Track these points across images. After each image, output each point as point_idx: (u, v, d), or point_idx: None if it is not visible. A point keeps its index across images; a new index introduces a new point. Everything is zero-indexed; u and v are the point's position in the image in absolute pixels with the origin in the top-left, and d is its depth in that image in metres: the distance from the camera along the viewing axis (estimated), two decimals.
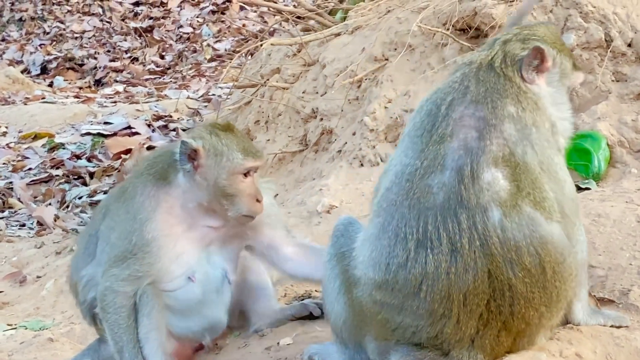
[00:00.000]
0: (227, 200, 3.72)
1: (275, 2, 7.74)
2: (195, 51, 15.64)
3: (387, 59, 6.00)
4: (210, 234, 3.85)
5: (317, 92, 6.33)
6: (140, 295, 3.72)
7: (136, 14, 16.52)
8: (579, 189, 4.92)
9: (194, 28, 16.20)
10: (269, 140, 6.57)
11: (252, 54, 8.29)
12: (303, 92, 6.41)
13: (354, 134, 5.83)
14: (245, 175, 3.76)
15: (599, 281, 4.05)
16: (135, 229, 3.75)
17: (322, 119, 6.19)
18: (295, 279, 4.06)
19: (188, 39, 15.96)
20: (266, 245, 3.99)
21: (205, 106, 11.31)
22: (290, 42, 6.59)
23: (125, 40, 16.07)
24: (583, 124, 5.19)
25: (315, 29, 6.96)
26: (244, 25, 15.77)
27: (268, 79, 6.75)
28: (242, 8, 16.34)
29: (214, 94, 11.97)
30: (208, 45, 15.60)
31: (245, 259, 4.08)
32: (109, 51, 15.76)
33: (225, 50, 15.16)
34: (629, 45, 5.40)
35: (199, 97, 12.17)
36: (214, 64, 14.88)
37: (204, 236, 3.85)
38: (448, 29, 5.75)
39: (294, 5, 7.59)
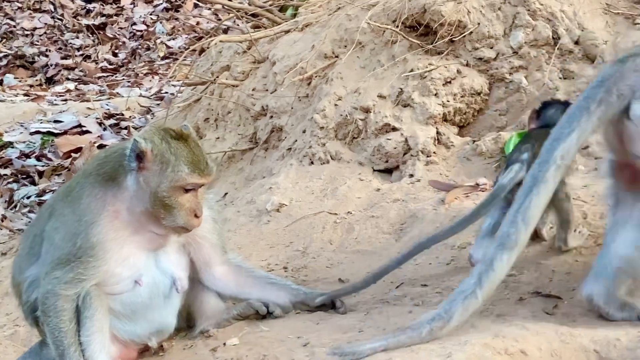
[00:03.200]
0: (165, 209, 3.62)
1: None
2: (148, 49, 15.46)
3: (337, 56, 5.97)
4: (157, 239, 3.78)
5: (267, 90, 6.28)
6: (84, 297, 3.64)
7: (88, 11, 16.28)
8: None
9: (147, 25, 16.02)
10: (218, 138, 6.50)
11: (203, 52, 8.19)
12: (253, 90, 6.35)
13: (304, 131, 5.80)
14: (188, 190, 3.66)
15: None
16: (81, 231, 3.66)
17: (272, 117, 6.14)
18: (223, 298, 4.02)
19: (141, 36, 15.77)
20: (202, 261, 3.94)
21: (158, 104, 11.18)
22: (239, 39, 6.52)
23: (78, 37, 15.83)
24: None
25: (266, 26, 6.91)
26: (198, 23, 15.65)
27: (218, 77, 6.68)
28: (196, 5, 16.21)
29: (166, 92, 11.84)
30: (162, 42, 15.44)
31: None
32: (60, 49, 15.50)
33: (179, 47, 15.02)
34: (576, 42, 5.44)
35: (151, 95, 12.04)
36: (167, 61, 14.73)
37: (152, 241, 3.77)
38: (397, 26, 5.73)
39: (248, 3, 7.51)
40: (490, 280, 3.37)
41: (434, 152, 5.40)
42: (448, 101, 5.52)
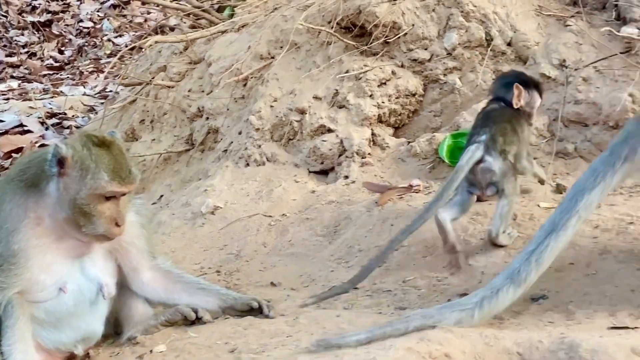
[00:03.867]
0: (85, 217, 3.55)
1: None
2: (95, 46, 15.26)
3: (273, 57, 5.94)
4: (82, 246, 3.71)
5: (203, 91, 6.23)
6: (5, 306, 3.56)
7: (34, 8, 16.01)
8: None
9: (94, 22, 15.81)
10: (154, 139, 6.43)
11: (141, 50, 8.08)
12: (189, 91, 6.29)
13: (240, 133, 5.76)
14: (108, 198, 3.60)
15: None
16: (1, 239, 3.58)
17: (208, 118, 6.09)
18: (151, 304, 3.98)
19: (88, 33, 15.55)
20: (129, 267, 3.89)
21: (102, 103, 11.02)
22: (175, 40, 6.46)
23: (23, 34, 15.55)
24: (464, 122, 5.25)
25: (203, 26, 6.85)
26: (145, 20, 15.49)
27: (154, 77, 6.61)
28: (144, 3, 16.04)
29: (111, 91, 11.68)
30: (109, 40, 15.26)
31: None
32: (5, 46, 15.21)
33: (126, 45, 14.85)
34: (509, 44, 5.49)
35: (95, 94, 11.86)
36: (112, 59, 14.53)
37: (76, 248, 3.70)
38: (333, 27, 5.73)
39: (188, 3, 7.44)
40: (492, 307, 3.44)
41: (369, 154, 5.41)
42: (383, 102, 5.52)
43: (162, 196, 5.94)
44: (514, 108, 4.54)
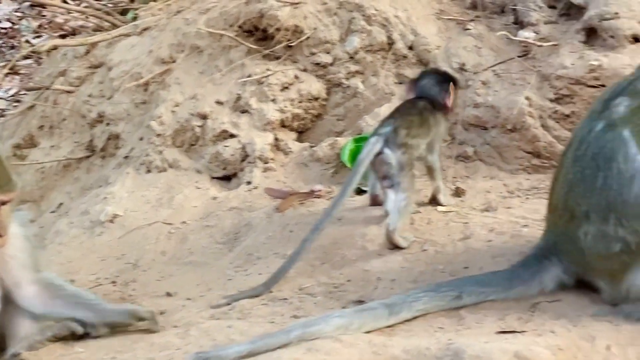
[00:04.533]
0: None
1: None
2: (13, 47, 14.88)
3: (174, 61, 5.84)
4: None
5: (103, 96, 6.08)
6: None
7: None
8: (361, 191, 4.96)
9: (12, 23, 15.41)
10: (53, 146, 6.26)
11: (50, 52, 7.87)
12: (89, 96, 6.14)
13: (141, 139, 5.64)
14: None
15: None
16: None
17: (108, 124, 5.95)
18: (37, 319, 3.85)
19: (6, 34, 15.15)
20: (12, 280, 3.76)
21: (15, 106, 10.72)
22: (75, 44, 6.30)
23: None
24: (367, 126, 5.24)
25: (107, 29, 6.70)
26: (66, 20, 15.15)
27: (53, 82, 6.43)
28: (41, 5, 15.68)
29: (25, 93, 11.38)
30: (27, 41, 14.88)
31: None
32: None
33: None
34: (410, 48, 5.49)
35: (9, 97, 11.54)
36: (29, 61, 14.19)
37: None
38: (235, 31, 5.66)
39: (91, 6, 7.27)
40: (402, 317, 3.50)
41: (272, 159, 5.36)
42: (286, 107, 5.48)
43: (61, 204, 5.79)
44: (440, 105, 4.61)
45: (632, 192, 3.33)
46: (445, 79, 4.66)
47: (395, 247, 4.25)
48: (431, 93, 4.64)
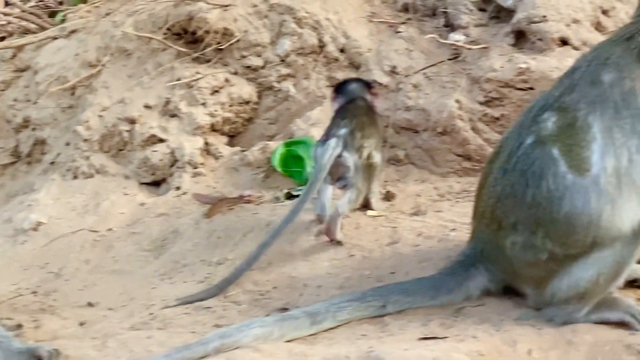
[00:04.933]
0: None
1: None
2: None
3: (102, 65, 5.71)
4: None
5: (29, 100, 5.92)
6: None
7: None
8: (292, 196, 4.90)
9: None
10: None
11: None
12: (14, 100, 5.97)
13: (67, 144, 5.50)
14: None
15: None
16: None
17: (34, 129, 5.80)
18: None
19: None
20: None
21: None
22: (1, 47, 6.13)
23: None
24: (298, 130, 5.18)
25: (35, 32, 6.53)
26: (8, 22, 14.78)
27: None
28: (7, 3, 15.32)
29: None
30: None
31: None
32: None
33: None
34: (342, 50, 5.45)
35: None
36: None
37: None
38: (164, 34, 5.56)
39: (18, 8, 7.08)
40: (325, 326, 3.45)
41: (202, 164, 5.26)
42: (216, 111, 5.39)
43: None
44: (372, 106, 4.62)
45: (561, 210, 3.31)
46: (365, 83, 4.66)
47: (332, 239, 4.23)
48: (362, 95, 4.63)
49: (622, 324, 3.45)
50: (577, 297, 3.42)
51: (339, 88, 4.65)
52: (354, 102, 4.57)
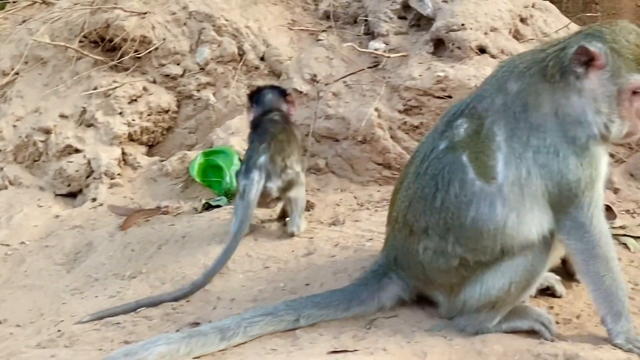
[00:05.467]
0: None
1: None
2: None
3: (17, 73, 5.56)
4: None
5: None
6: None
7: None
8: (210, 206, 4.82)
9: None
10: None
11: None
12: None
13: None
14: None
15: None
16: None
17: None
18: None
19: None
20: None
21: None
22: None
23: None
24: (218, 139, 5.10)
25: None
26: None
27: None
28: None
29: None
30: None
31: None
32: None
33: None
34: (262, 58, 5.39)
35: None
36: None
37: None
38: (81, 41, 5.43)
39: None
40: (235, 341, 3.40)
41: (119, 174, 5.15)
42: (134, 120, 5.29)
43: None
44: (288, 118, 4.55)
45: (468, 216, 3.31)
46: (281, 92, 4.58)
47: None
48: (278, 106, 4.55)
49: (532, 333, 3.46)
50: (488, 306, 3.42)
51: (254, 98, 4.56)
52: (269, 116, 4.47)
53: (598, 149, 3.33)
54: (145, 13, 5.38)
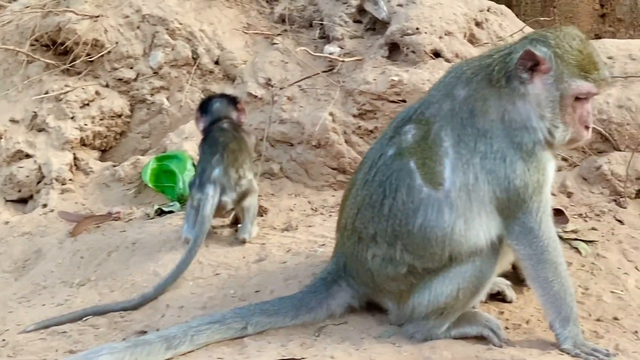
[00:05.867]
0: None
1: None
2: None
3: None
4: None
5: None
6: None
7: None
8: (163, 212, 4.76)
9: None
10: None
11: None
12: None
13: None
14: None
15: None
16: None
17: None
18: None
19: None
20: None
21: None
22: None
23: None
24: (171, 144, 5.05)
25: None
26: None
27: None
28: None
29: None
30: None
31: None
32: None
33: None
34: (216, 62, 5.34)
35: None
36: None
37: None
38: (32, 45, 5.35)
39: None
40: (181, 350, 3.35)
41: (71, 180, 5.08)
42: (86, 125, 5.21)
43: None
44: (239, 125, 4.49)
45: (416, 222, 3.29)
46: (231, 99, 4.53)
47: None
48: (227, 114, 4.49)
49: (481, 339, 3.45)
50: (437, 312, 3.40)
51: (204, 107, 4.50)
52: (219, 125, 4.40)
53: (545, 154, 3.33)
54: (98, 16, 5.31)
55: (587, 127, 3.35)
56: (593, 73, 3.26)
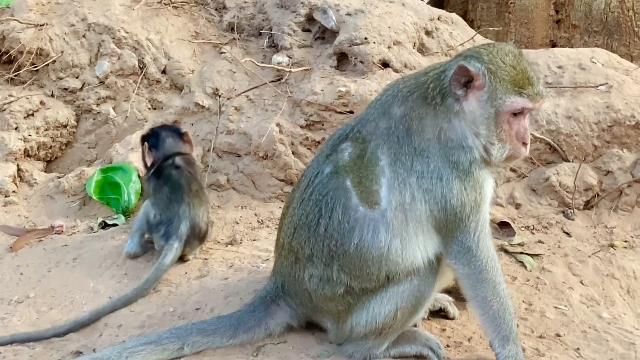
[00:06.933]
0: None
1: None
2: None
3: None
4: None
5: None
6: None
7: None
8: (107, 225, 4.69)
9: None
10: None
11: None
12: None
13: None
14: None
15: None
16: None
17: None
18: None
19: None
20: None
21: None
22: None
23: None
24: (117, 155, 4.96)
25: None
26: None
27: None
28: None
29: None
30: None
31: None
32: None
33: None
34: (163, 72, 5.27)
35: None
36: None
37: None
38: None
39: None
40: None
41: (14, 192, 4.97)
42: (30, 135, 5.11)
43: None
44: (189, 159, 4.41)
45: (352, 242, 3.25)
46: (178, 133, 4.43)
47: None
48: (178, 149, 4.39)
49: (421, 358, 3.42)
50: (376, 332, 3.37)
51: (152, 142, 4.38)
52: (174, 162, 4.31)
53: (482, 172, 3.30)
54: (43, 25, 5.21)
55: (524, 144, 3.33)
56: (527, 88, 3.23)
